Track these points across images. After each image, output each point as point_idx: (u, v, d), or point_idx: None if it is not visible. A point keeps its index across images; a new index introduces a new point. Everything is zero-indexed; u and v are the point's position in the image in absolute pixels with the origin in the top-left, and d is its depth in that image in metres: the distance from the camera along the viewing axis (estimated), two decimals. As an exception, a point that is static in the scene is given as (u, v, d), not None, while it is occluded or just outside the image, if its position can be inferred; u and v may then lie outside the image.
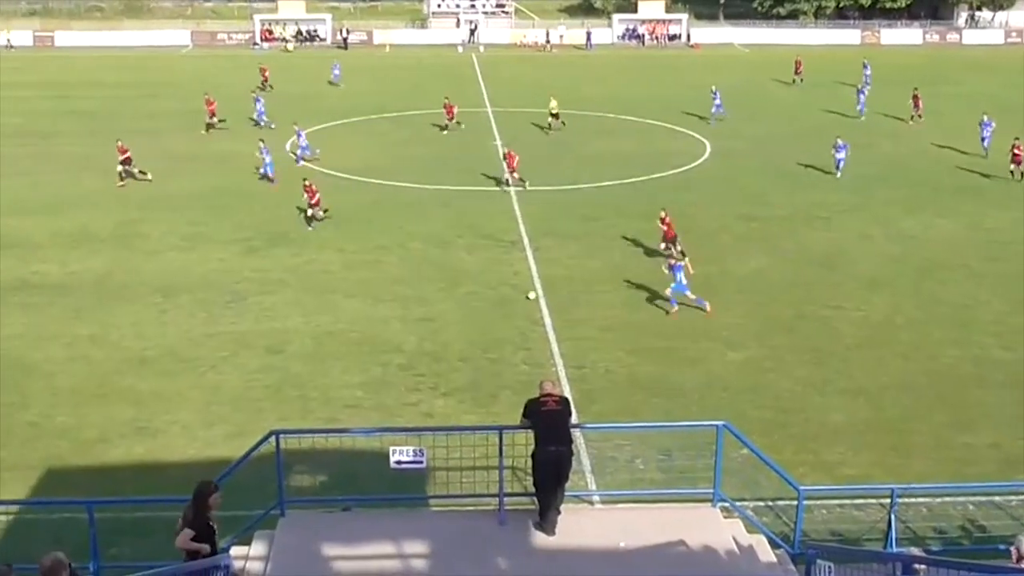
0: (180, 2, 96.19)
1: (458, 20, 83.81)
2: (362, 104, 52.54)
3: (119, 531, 15.29)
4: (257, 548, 13.48)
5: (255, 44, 79.75)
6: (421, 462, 13.55)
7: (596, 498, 16.31)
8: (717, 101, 48.15)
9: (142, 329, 24.18)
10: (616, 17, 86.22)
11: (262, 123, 46.66)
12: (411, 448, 13.56)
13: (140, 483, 16.95)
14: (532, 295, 26.08)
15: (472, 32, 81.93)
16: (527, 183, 36.12)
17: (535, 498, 13.39)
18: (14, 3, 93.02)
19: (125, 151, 36.91)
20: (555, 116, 45.83)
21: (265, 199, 34.92)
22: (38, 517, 15.92)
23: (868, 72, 56.58)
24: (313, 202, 31.75)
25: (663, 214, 28.45)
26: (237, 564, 13.00)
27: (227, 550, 13.91)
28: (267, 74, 58.00)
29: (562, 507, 13.18)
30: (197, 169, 39.40)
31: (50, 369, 22.02)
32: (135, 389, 21.11)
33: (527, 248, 30.06)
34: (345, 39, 78.91)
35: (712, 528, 13.00)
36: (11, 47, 76.79)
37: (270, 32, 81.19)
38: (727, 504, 13.72)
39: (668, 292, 25.07)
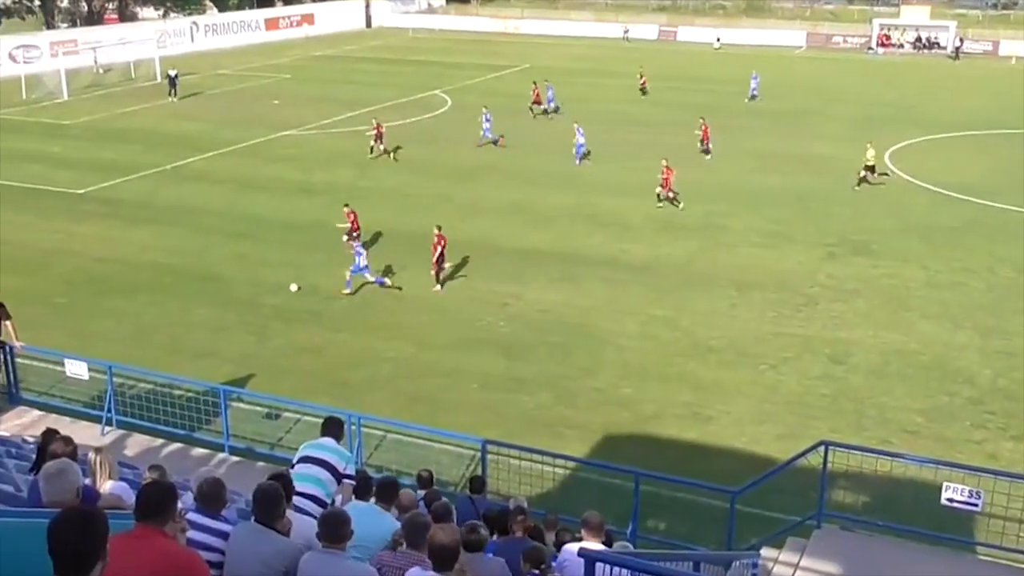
0: (801, 3, 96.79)
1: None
2: (972, 118, 49.40)
3: (658, 505, 15.94)
4: (788, 554, 13.35)
5: (869, 49, 78.18)
6: (976, 504, 12.63)
7: None
8: None
9: (712, 318, 24.81)
10: None
11: (550, 109, 49.92)
12: (967, 488, 12.65)
13: (686, 465, 17.39)
14: (294, 287, 26.22)
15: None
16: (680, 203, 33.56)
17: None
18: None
19: (379, 128, 40.97)
20: (870, 169, 36.55)
21: (853, 205, 34.19)
22: (590, 476, 16.99)
23: None
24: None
25: (347, 209, 28.88)
26: (767, 565, 12.95)
27: (758, 548, 13.93)
28: (644, 79, 57.20)
29: None
30: (786, 168, 39.55)
31: (622, 343, 23.37)
32: (696, 375, 21.77)
33: None
34: (957, 48, 74.62)
35: None
36: (628, 40, 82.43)
37: (887, 37, 79.09)
38: None
39: (347, 275, 26.03)
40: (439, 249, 26.35)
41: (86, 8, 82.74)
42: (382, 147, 40.66)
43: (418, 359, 22.43)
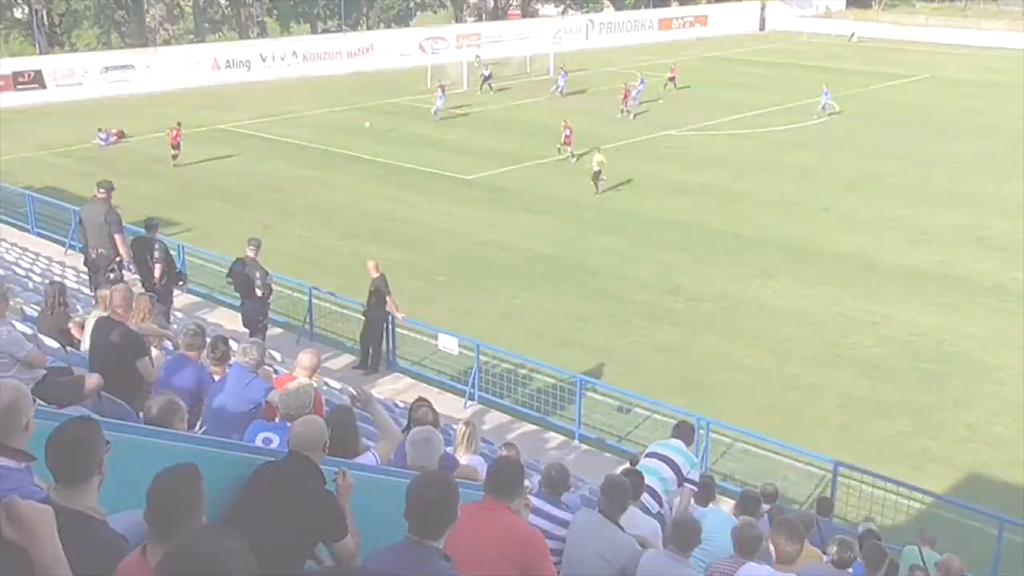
0: None
1: None
2: None
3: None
4: None
5: None
6: None
7: None
8: None
9: (1109, 362, 22.53)
10: None
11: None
12: None
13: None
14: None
15: None
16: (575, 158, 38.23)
17: None
18: None
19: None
20: (597, 175, 35.55)
21: None
22: (948, 515, 15.94)
23: None
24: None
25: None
26: None
27: None
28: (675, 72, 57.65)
29: None
30: None
31: (1001, 377, 21.69)
32: (1084, 422, 19.86)
33: None
34: None
35: None
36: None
37: None
38: None
39: None
40: None
41: (492, 3, 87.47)
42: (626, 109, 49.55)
43: (778, 371, 21.94)
